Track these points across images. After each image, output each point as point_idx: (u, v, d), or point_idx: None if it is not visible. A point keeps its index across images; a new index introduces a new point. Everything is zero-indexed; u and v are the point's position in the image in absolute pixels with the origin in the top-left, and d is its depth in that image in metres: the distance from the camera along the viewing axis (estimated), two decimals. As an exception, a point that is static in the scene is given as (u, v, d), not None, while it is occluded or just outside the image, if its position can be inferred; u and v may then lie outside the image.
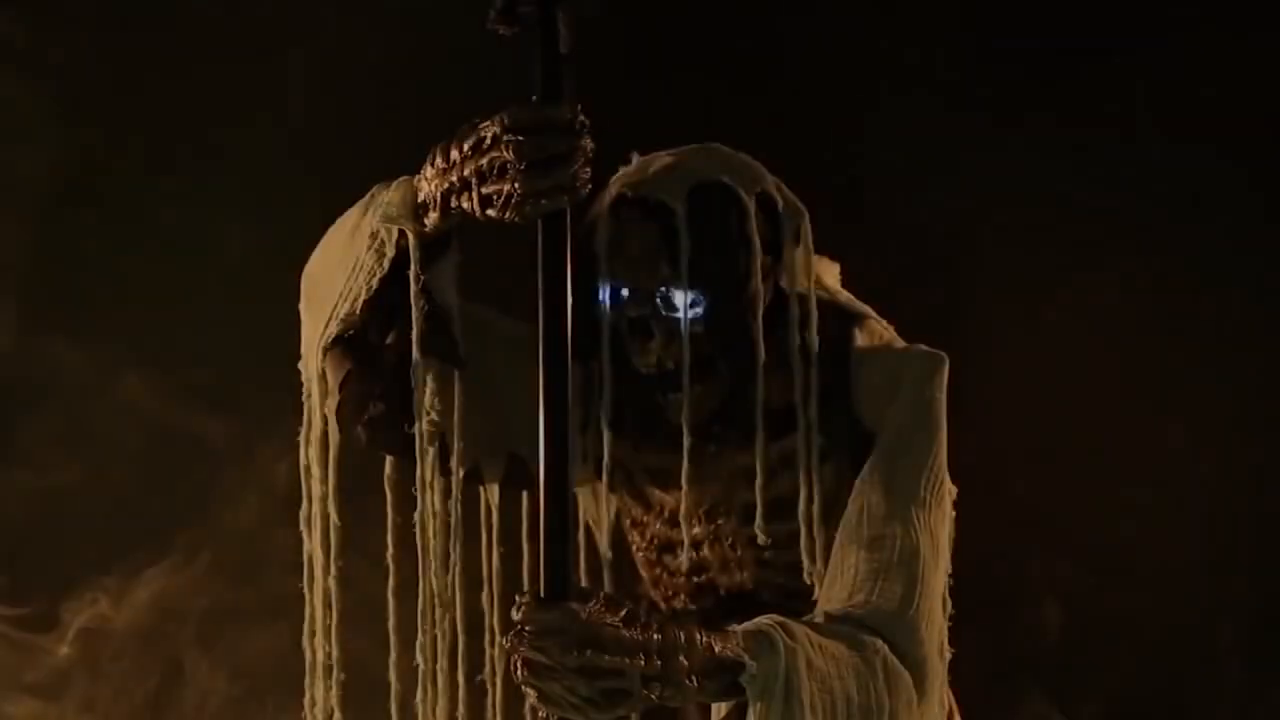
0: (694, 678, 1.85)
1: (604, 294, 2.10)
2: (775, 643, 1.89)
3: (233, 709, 3.17)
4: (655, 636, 1.84)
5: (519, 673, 1.83)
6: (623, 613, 1.84)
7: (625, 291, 2.10)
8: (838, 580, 2.07)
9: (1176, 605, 2.98)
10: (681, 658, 1.84)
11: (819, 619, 2.02)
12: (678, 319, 2.08)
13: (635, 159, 2.18)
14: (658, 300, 2.10)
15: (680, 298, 2.08)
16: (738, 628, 1.93)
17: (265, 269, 2.64)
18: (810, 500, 2.13)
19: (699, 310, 2.09)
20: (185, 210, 3.02)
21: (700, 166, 2.11)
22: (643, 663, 1.82)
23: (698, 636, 1.87)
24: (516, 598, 1.86)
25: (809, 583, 2.14)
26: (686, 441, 2.11)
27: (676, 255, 2.06)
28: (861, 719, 1.94)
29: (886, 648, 1.98)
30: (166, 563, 3.15)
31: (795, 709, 1.88)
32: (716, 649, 1.87)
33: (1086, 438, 2.97)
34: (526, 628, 1.82)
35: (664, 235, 2.07)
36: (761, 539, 2.14)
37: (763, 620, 1.94)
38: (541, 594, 1.84)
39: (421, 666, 2.10)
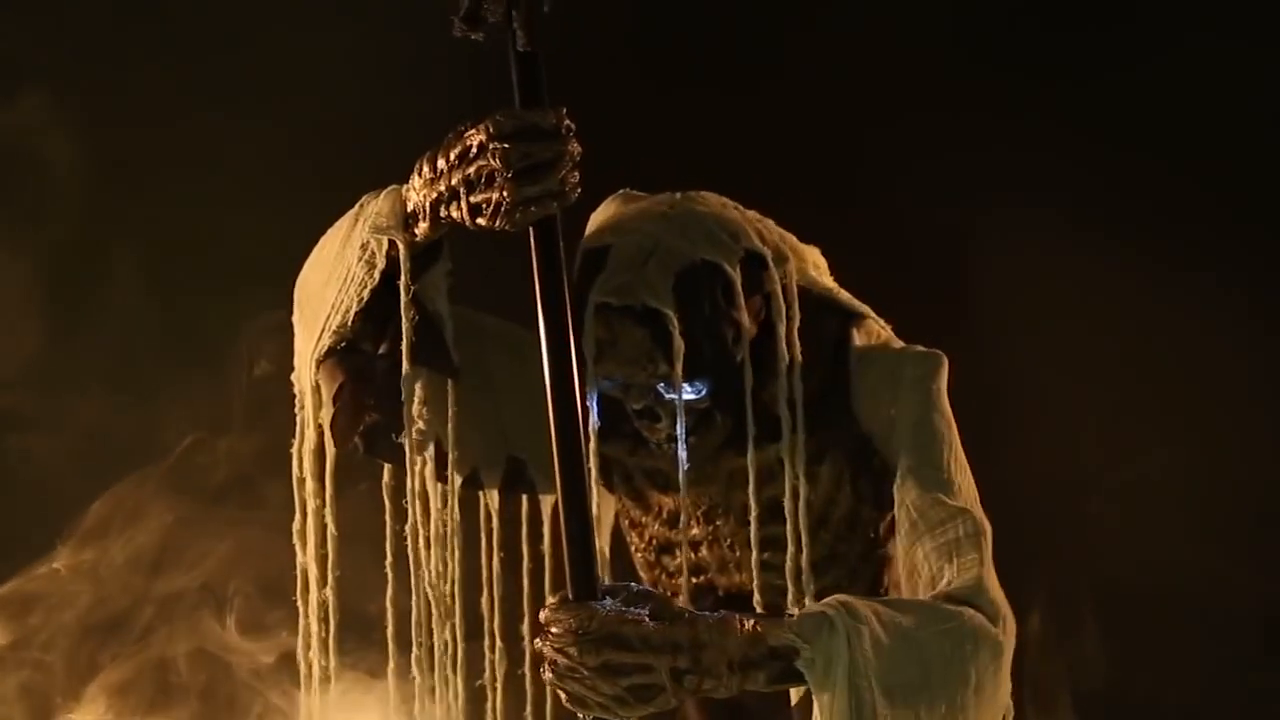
0: (736, 668, 1.83)
1: (593, 400, 2.09)
2: (834, 623, 1.84)
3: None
4: (684, 630, 1.82)
5: (547, 675, 1.84)
6: (650, 607, 1.83)
7: (624, 385, 2.09)
8: (918, 580, 2.05)
9: (1178, 605, 2.97)
10: (716, 649, 1.82)
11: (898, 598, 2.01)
12: (677, 400, 2.07)
13: (610, 204, 2.16)
14: (659, 389, 2.09)
15: (678, 388, 2.07)
16: (797, 611, 1.91)
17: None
18: (797, 515, 2.13)
19: (700, 389, 2.09)
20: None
21: (680, 246, 2.06)
22: (671, 657, 1.81)
23: (738, 625, 1.84)
24: (548, 598, 1.86)
25: (805, 585, 2.14)
26: (683, 483, 2.11)
27: (671, 354, 2.04)
28: (944, 695, 1.89)
29: (980, 616, 1.94)
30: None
31: (864, 691, 1.84)
32: (765, 635, 1.84)
33: (1087, 437, 2.96)
34: (550, 629, 1.83)
35: (656, 338, 2.05)
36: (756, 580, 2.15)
37: (828, 601, 1.89)
38: (569, 595, 1.84)
39: (418, 678, 2.11)
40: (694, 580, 2.25)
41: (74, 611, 2.99)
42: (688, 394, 2.08)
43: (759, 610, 2.12)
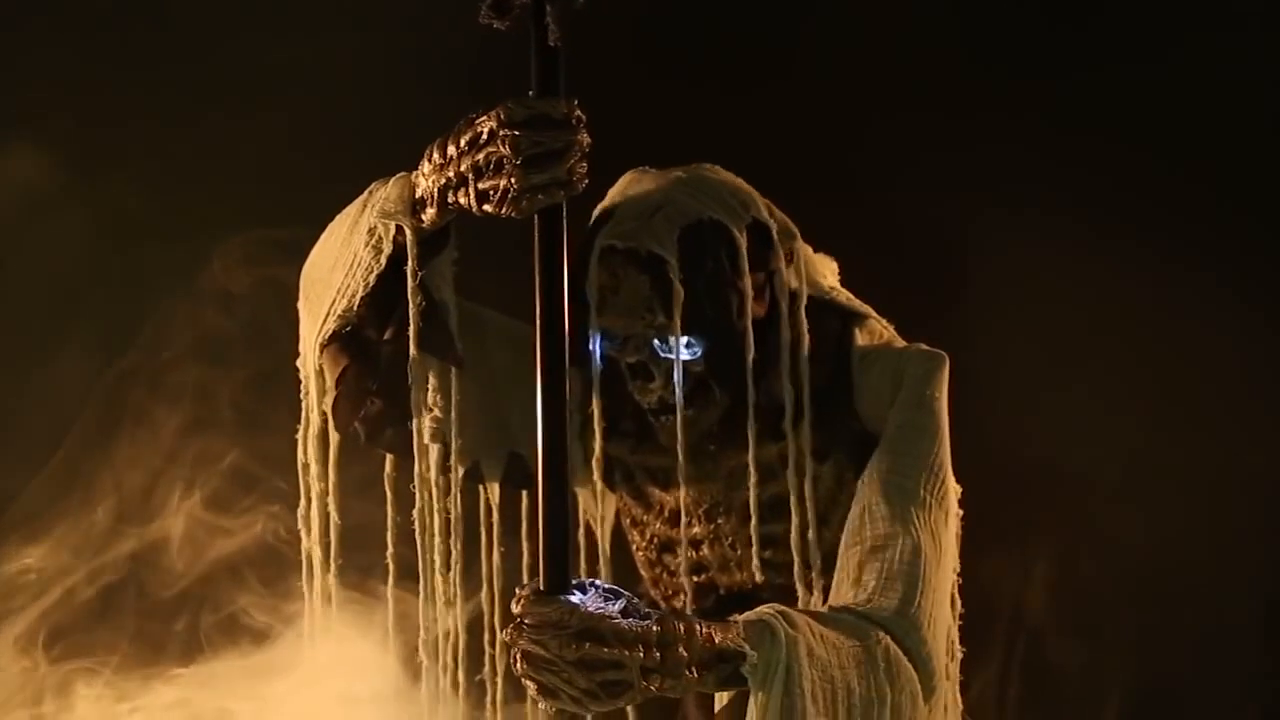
0: (694, 669, 1.86)
1: (596, 341, 2.10)
2: (776, 632, 1.89)
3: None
4: (654, 628, 1.84)
5: (518, 665, 1.84)
6: (621, 604, 1.85)
7: (622, 336, 2.10)
8: (844, 583, 2.07)
9: (1179, 606, 2.97)
10: (681, 649, 1.85)
11: (823, 609, 2.02)
12: (674, 360, 2.09)
13: (624, 181, 2.17)
14: (655, 344, 2.10)
15: (676, 342, 2.08)
16: (739, 617, 1.93)
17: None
18: (803, 513, 2.13)
19: (695, 351, 2.10)
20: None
21: (689, 204, 2.09)
22: (642, 654, 1.83)
23: (697, 628, 1.87)
24: (516, 591, 1.86)
25: (805, 583, 2.14)
26: (683, 458, 2.11)
27: (670, 304, 2.05)
28: (863, 709, 1.94)
29: (890, 639, 1.98)
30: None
31: (796, 697, 1.89)
32: (717, 639, 1.88)
33: (1087, 437, 2.97)
34: (525, 621, 1.83)
35: (656, 285, 2.06)
36: (759, 577, 2.17)
37: (764, 609, 1.94)
38: (541, 588, 1.85)
39: (425, 663, 2.11)
40: (695, 579, 2.26)
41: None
42: (684, 354, 2.09)
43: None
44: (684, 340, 2.08)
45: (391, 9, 2.88)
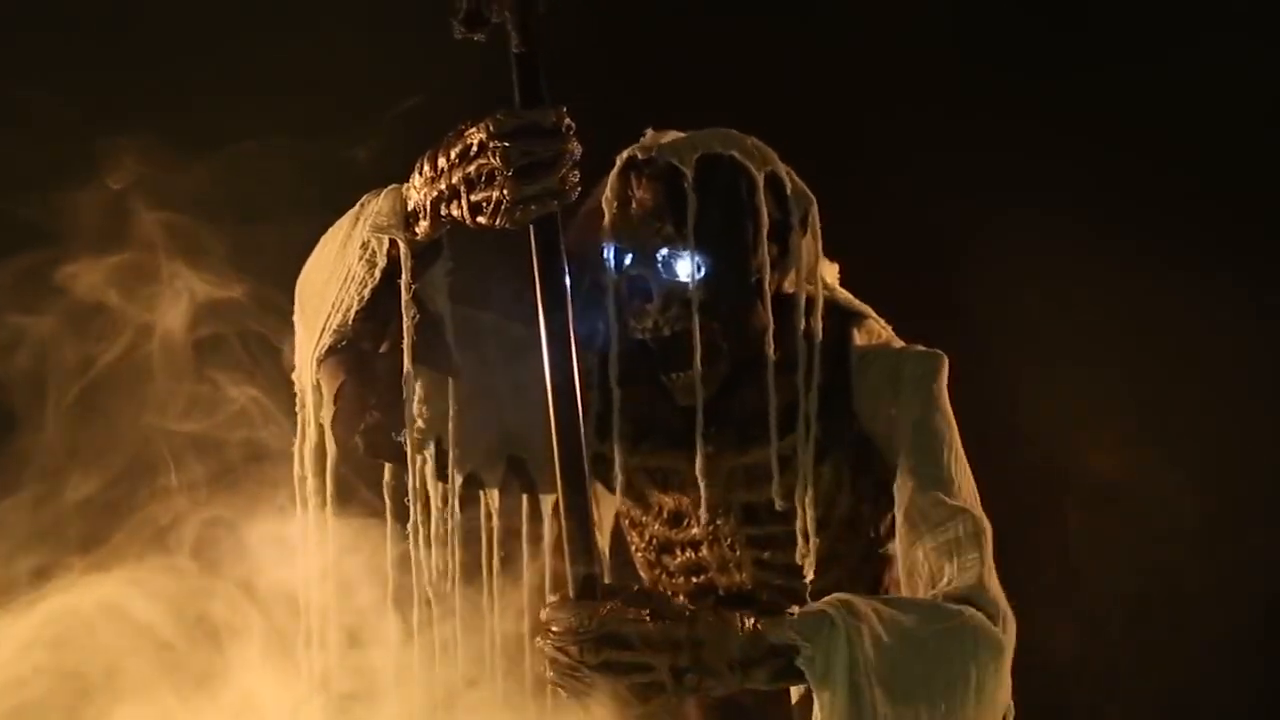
0: (737, 666, 1.85)
1: (608, 252, 2.10)
2: (834, 621, 1.87)
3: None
4: (683, 629, 1.84)
5: (548, 671, 1.87)
6: (650, 607, 1.85)
7: (629, 256, 2.10)
8: (918, 580, 2.06)
9: (1180, 605, 2.98)
10: (717, 647, 1.85)
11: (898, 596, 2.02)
12: (678, 283, 2.08)
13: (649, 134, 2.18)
14: (659, 262, 2.09)
15: (683, 262, 2.07)
16: (797, 609, 1.92)
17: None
18: (804, 503, 2.13)
19: (700, 269, 2.09)
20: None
21: (713, 142, 2.12)
22: (671, 656, 1.83)
23: (738, 624, 1.86)
24: (548, 597, 1.88)
25: (805, 583, 2.14)
26: (701, 404, 2.09)
27: (682, 216, 2.06)
28: (945, 691, 1.90)
29: (980, 615, 1.95)
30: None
31: (863, 689, 1.86)
32: (765, 634, 1.86)
33: (1086, 437, 2.97)
34: (551, 628, 1.85)
35: (670, 196, 2.07)
36: (780, 504, 2.13)
37: (828, 600, 1.91)
38: (571, 594, 1.86)
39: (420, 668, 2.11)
40: (694, 579, 2.26)
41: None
42: (685, 275, 2.07)
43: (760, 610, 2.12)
44: (693, 259, 2.07)
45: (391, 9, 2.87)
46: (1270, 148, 2.92)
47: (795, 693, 2.16)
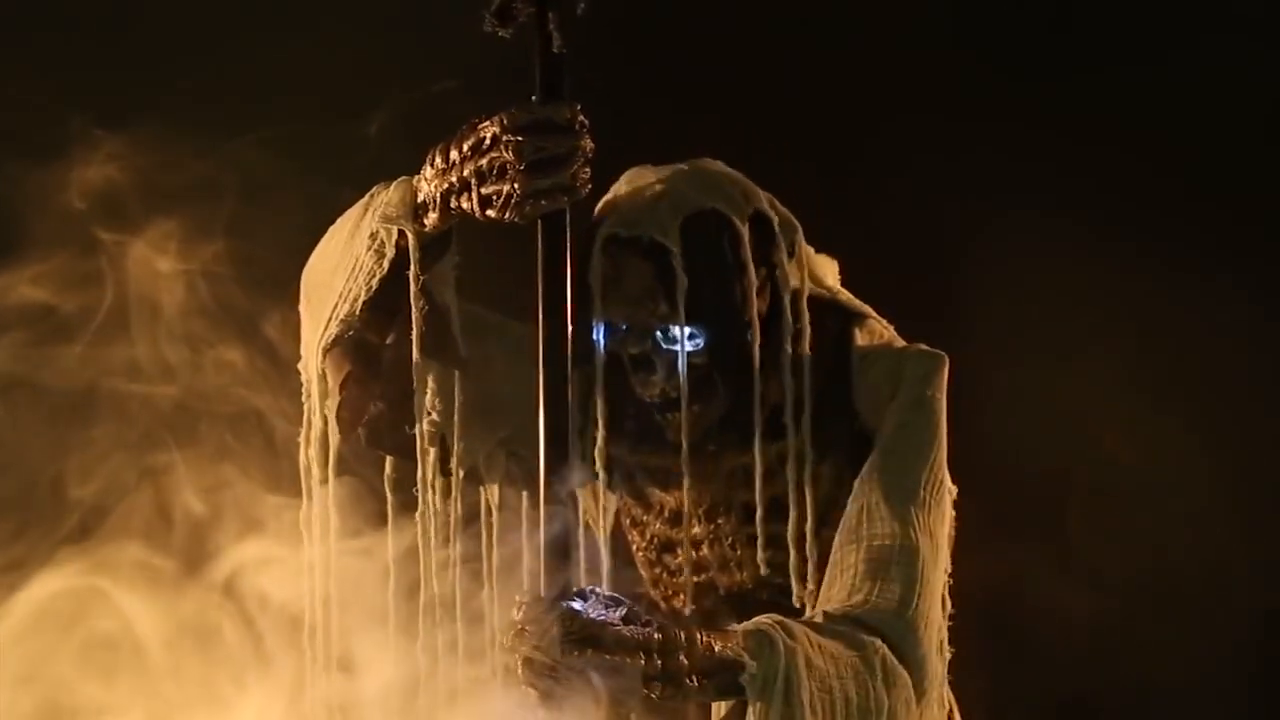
0: (694, 677, 1.87)
1: (599, 331, 2.10)
2: (775, 642, 1.90)
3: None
4: (655, 635, 1.85)
5: (520, 672, 1.84)
6: (622, 612, 1.85)
7: (624, 327, 2.10)
8: (837, 580, 2.08)
9: (1181, 605, 2.99)
10: (682, 656, 1.86)
11: (818, 618, 2.02)
12: (677, 352, 2.09)
13: (627, 176, 2.17)
14: (657, 335, 2.10)
15: (678, 332, 2.08)
16: (738, 627, 1.94)
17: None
18: (802, 505, 2.14)
19: (698, 342, 2.10)
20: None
21: (691, 193, 2.10)
22: (643, 661, 1.83)
23: (698, 635, 1.88)
24: (516, 598, 1.87)
25: (806, 585, 2.15)
26: (685, 454, 2.12)
27: (673, 293, 2.05)
28: (860, 718, 1.94)
29: (886, 647, 1.99)
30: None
31: (795, 708, 1.89)
32: (717, 648, 1.88)
33: (1086, 437, 2.98)
34: (527, 627, 1.84)
35: (659, 274, 2.06)
36: (764, 570, 2.15)
37: (763, 619, 1.95)
38: (542, 594, 1.85)
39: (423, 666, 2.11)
40: (695, 579, 2.26)
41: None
42: (687, 345, 2.08)
43: (762, 608, 2.13)
44: (686, 331, 2.08)
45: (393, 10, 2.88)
46: (1271, 150, 2.93)
47: (721, 707, 2.17)
